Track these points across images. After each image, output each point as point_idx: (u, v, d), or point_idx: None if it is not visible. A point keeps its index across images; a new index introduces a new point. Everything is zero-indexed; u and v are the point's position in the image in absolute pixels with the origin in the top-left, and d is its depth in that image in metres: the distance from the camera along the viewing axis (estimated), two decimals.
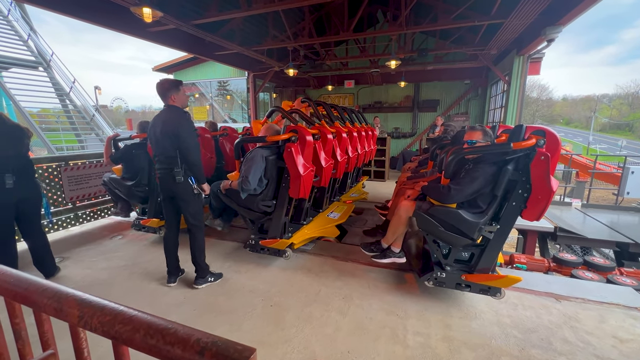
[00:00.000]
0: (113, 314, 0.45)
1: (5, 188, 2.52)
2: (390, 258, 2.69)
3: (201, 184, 2.60)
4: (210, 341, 0.39)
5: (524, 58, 6.61)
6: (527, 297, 2.60)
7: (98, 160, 4.50)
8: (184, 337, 0.40)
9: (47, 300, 0.50)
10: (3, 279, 0.55)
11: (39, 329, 0.57)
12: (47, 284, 0.52)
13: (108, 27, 5.30)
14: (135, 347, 0.41)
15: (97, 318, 0.45)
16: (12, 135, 2.60)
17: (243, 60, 9.07)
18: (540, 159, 1.97)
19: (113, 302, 0.49)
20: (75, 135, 11.74)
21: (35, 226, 2.84)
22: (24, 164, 2.68)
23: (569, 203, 6.06)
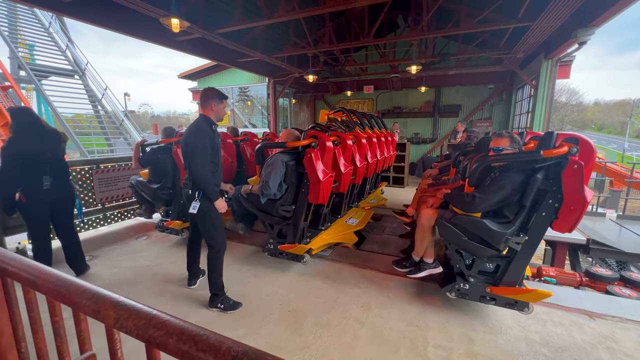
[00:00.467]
0: (147, 317, 0.46)
1: (43, 189, 2.68)
2: (425, 271, 2.61)
3: (212, 201, 2.39)
4: (241, 350, 0.40)
5: (553, 61, 6.35)
6: (558, 313, 2.46)
7: (126, 164, 4.71)
8: (216, 344, 0.41)
9: (86, 301, 0.52)
10: (46, 278, 0.58)
11: (77, 327, 0.60)
12: (86, 285, 0.55)
13: (139, 37, 5.58)
14: (169, 352, 0.42)
15: (132, 321, 0.47)
16: (50, 140, 2.77)
17: (264, 67, 9.26)
18: (573, 167, 1.88)
19: (146, 306, 0.50)
20: (105, 139, 12.38)
21: (68, 225, 3.00)
22: (60, 166, 2.85)
23: (602, 214, 5.71)
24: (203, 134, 2.30)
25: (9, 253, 0.69)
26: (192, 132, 2.30)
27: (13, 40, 10.64)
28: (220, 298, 2.48)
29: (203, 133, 2.30)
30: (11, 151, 2.57)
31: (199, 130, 2.30)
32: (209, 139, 2.33)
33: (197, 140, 2.27)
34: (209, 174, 2.35)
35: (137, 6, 4.38)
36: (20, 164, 2.59)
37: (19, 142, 2.60)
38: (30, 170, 2.63)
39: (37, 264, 0.64)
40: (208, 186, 2.34)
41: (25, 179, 2.63)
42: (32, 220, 2.74)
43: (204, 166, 2.32)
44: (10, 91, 10.21)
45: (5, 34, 10.43)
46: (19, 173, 2.60)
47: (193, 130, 2.31)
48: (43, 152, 2.69)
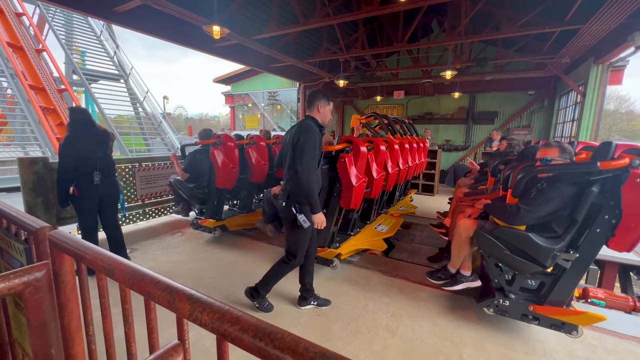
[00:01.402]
0: (222, 312, 0.48)
1: (93, 184, 2.89)
2: (462, 284, 2.49)
3: (313, 214, 2.17)
4: (318, 351, 0.40)
5: (604, 67, 5.90)
6: (610, 340, 2.25)
7: (164, 163, 4.97)
8: (292, 343, 0.42)
9: (160, 292, 0.55)
10: (123, 268, 0.62)
11: (147, 316, 0.64)
12: (159, 278, 0.58)
13: (181, 43, 5.91)
14: (244, 347, 0.43)
15: (207, 314, 0.48)
16: (101, 139, 2.99)
17: (295, 72, 9.44)
18: (635, 181, 1.72)
19: (218, 301, 0.52)
20: (143, 139, 13.16)
21: (113, 219, 3.20)
22: (108, 164, 3.06)
23: None
24: (315, 134, 2.13)
25: (85, 243, 0.74)
26: (304, 130, 2.12)
27: (69, 47, 11.66)
28: (256, 300, 2.49)
29: (315, 133, 2.14)
30: (68, 148, 2.79)
31: (311, 130, 2.12)
32: (319, 142, 2.17)
33: (309, 139, 2.08)
34: (314, 180, 2.13)
35: (182, 14, 4.64)
36: (75, 161, 2.80)
37: (75, 141, 2.81)
38: (83, 166, 2.84)
39: (112, 255, 0.69)
40: (311, 193, 2.13)
41: (78, 175, 2.83)
42: (82, 212, 2.96)
43: (312, 170, 2.11)
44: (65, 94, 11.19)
45: (63, 41, 11.46)
46: (74, 169, 2.81)
47: (305, 129, 2.13)
48: (94, 150, 2.89)
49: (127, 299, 0.68)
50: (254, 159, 4.13)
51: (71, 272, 0.81)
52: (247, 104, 14.58)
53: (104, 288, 0.74)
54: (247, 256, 3.61)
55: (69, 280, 0.80)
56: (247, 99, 14.39)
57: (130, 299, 0.70)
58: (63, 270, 0.80)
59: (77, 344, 0.83)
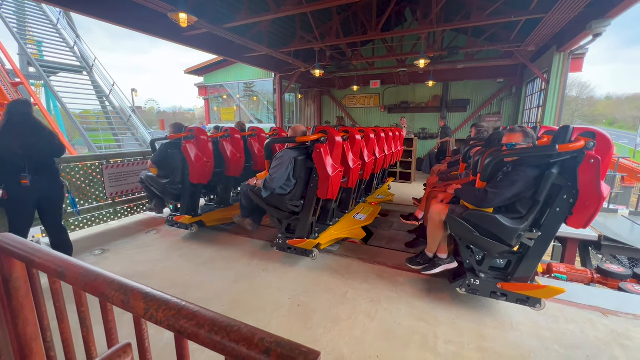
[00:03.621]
0: (177, 308, 0.47)
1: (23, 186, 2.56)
2: (440, 267, 2.57)
3: None
4: (274, 341, 0.40)
5: (565, 54, 6.20)
6: (570, 310, 2.43)
7: (135, 159, 4.76)
8: (248, 335, 0.41)
9: (114, 292, 0.53)
10: (74, 270, 0.59)
11: (104, 318, 0.61)
12: (113, 277, 0.55)
13: (146, 32, 5.60)
14: (200, 342, 0.42)
15: (162, 312, 0.47)
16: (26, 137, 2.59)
17: (270, 62, 9.23)
18: (589, 162, 1.84)
19: (175, 297, 0.50)
20: (112, 134, 12.51)
21: (56, 223, 2.92)
22: (41, 163, 2.71)
23: (614, 210, 5.62)
24: None
25: (35, 245, 0.70)
26: None
27: (22, 37, 10.75)
28: None
29: None
30: None
31: None
32: None
33: None
34: None
35: (146, 1, 4.38)
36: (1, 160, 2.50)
37: (2, 138, 2.50)
38: (7, 166, 2.54)
39: (63, 256, 0.65)
40: None
41: (5, 176, 2.54)
42: (11, 216, 2.67)
43: None
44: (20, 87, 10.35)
45: (15, 31, 10.54)
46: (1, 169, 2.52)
47: None
48: (13, 148, 2.53)
49: (82, 302, 0.65)
50: (230, 152, 4.03)
51: (23, 277, 0.76)
52: (222, 95, 14.16)
53: (57, 291, 0.70)
54: (226, 251, 3.56)
55: (20, 285, 0.75)
56: (221, 91, 13.96)
57: (86, 301, 0.67)
58: (13, 275, 0.74)
59: (35, 352, 0.78)
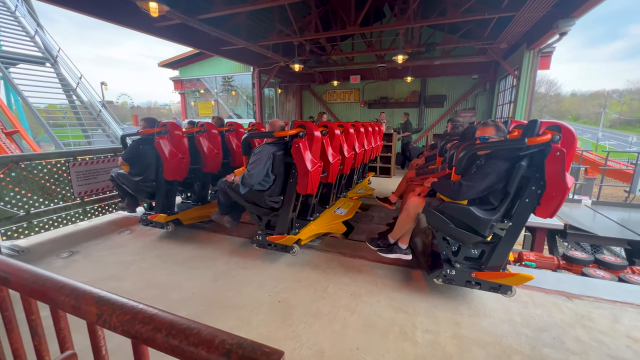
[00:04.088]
0: (133, 312, 0.43)
1: None
2: (396, 253, 2.66)
3: None
4: (235, 342, 0.38)
5: (535, 52, 6.47)
6: (538, 295, 2.56)
7: (105, 156, 4.52)
8: (208, 337, 0.39)
9: (64, 297, 0.48)
10: (20, 275, 0.53)
11: (56, 326, 0.56)
12: (64, 281, 0.51)
13: (114, 22, 5.29)
14: (157, 347, 0.40)
15: (116, 317, 0.44)
16: None
17: (248, 56, 9.02)
18: (555, 154, 1.93)
19: (132, 300, 0.47)
20: (82, 131, 11.85)
21: None
22: None
23: (578, 200, 5.97)
24: None
25: None
26: None
27: None
28: None
29: None
30: None
31: None
32: None
33: None
34: None
35: None
36: None
37: None
38: None
39: (7, 259, 0.59)
40: None
41: None
42: None
43: None
44: None
45: None
46: None
47: None
48: None
49: (32, 309, 0.59)
50: (206, 148, 3.91)
51: None
52: (199, 90, 13.72)
53: (4, 300, 0.64)
54: (205, 249, 3.47)
55: None
56: (198, 85, 13.51)
57: (37, 308, 0.61)
58: None
59: None
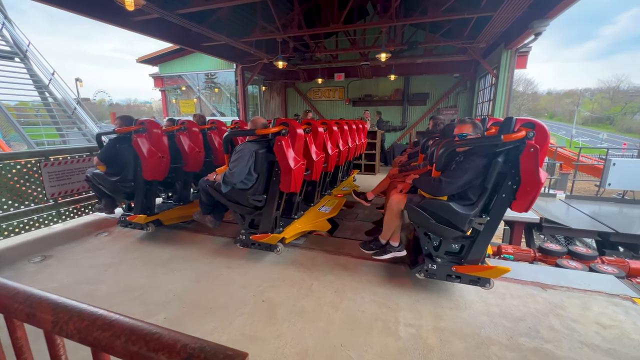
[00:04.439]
0: (91, 318, 0.41)
1: None
2: (390, 253, 2.69)
3: None
4: (198, 346, 0.37)
5: (512, 52, 6.67)
6: (515, 287, 2.65)
7: (80, 155, 4.34)
8: (170, 342, 0.37)
9: (18, 305, 0.46)
10: None
11: (12, 335, 0.53)
12: (18, 287, 0.48)
13: (88, 15, 5.06)
14: (116, 354, 0.38)
15: (73, 324, 0.41)
16: None
17: (231, 52, 8.86)
18: (529, 151, 1.99)
19: (92, 306, 0.45)
20: (56, 129, 11.32)
21: None
22: None
23: (553, 195, 6.22)
24: None
25: None
26: None
27: None
28: None
29: None
30: None
31: None
32: None
33: None
34: None
35: None
36: None
37: None
38: None
39: None
40: None
41: None
42: None
43: None
44: None
45: None
46: None
47: None
48: None
49: None
50: (187, 146, 3.82)
51: None
52: (181, 87, 13.37)
53: None
54: (187, 250, 3.39)
55: None
56: (180, 82, 13.16)
57: None
58: None
59: None
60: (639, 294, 2.58)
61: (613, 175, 5.96)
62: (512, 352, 1.92)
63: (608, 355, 1.91)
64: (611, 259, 3.81)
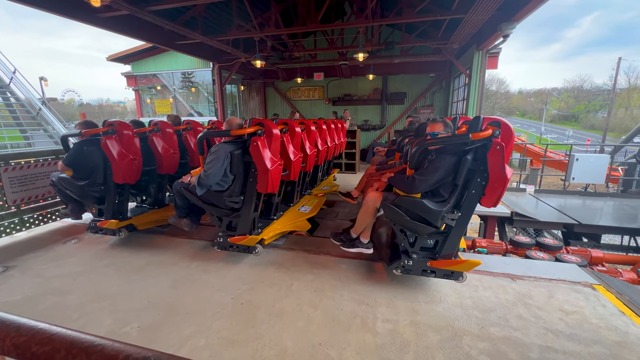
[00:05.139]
0: (30, 333, 0.40)
1: None
2: (357, 248, 2.73)
3: None
4: (142, 357, 0.36)
5: (483, 52, 6.93)
6: (487, 279, 2.77)
7: (45, 159, 4.11)
8: (112, 354, 0.36)
9: None
10: None
11: None
12: None
13: (53, 12, 4.79)
14: None
15: (10, 340, 0.39)
16: None
17: (207, 51, 8.67)
18: (496, 148, 2.08)
19: (33, 320, 0.43)
20: (20, 131, 10.66)
21: None
22: None
23: (523, 189, 6.53)
24: None
25: None
26: None
27: None
28: None
29: None
30: None
31: None
32: None
33: None
34: None
35: None
36: None
37: None
38: None
39: None
40: None
41: None
42: None
43: None
44: None
45: None
46: None
47: None
48: None
49: None
50: (161, 148, 3.71)
51: None
52: (156, 86, 12.93)
53: None
54: (163, 255, 3.29)
55: None
56: (154, 81, 12.72)
57: None
58: None
59: None
60: (598, 280, 2.76)
61: (576, 170, 6.34)
62: (484, 342, 2.00)
63: (570, 340, 2.03)
64: (575, 249, 4.06)
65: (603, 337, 2.05)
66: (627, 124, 32.61)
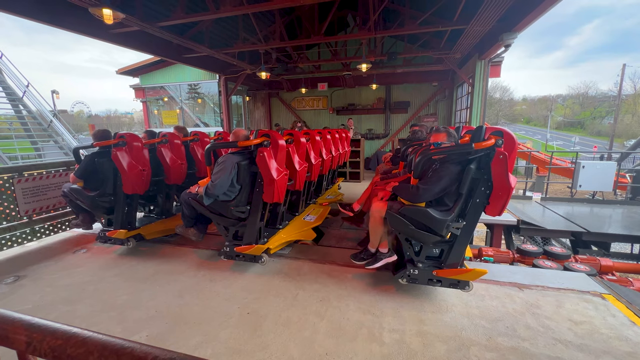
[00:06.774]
0: (65, 337, 0.43)
1: None
2: (382, 260, 2.71)
3: None
4: (168, 358, 0.39)
5: (485, 62, 7.00)
6: (493, 288, 2.75)
7: (57, 170, 4.22)
8: (141, 355, 0.40)
9: None
10: None
11: None
12: None
13: (66, 28, 4.99)
14: None
15: (47, 343, 0.43)
16: None
17: (213, 63, 8.88)
18: (499, 157, 2.10)
19: (66, 325, 0.47)
20: (31, 143, 10.94)
21: None
22: None
23: (529, 197, 6.48)
24: None
25: None
26: None
27: None
28: None
29: None
30: None
31: None
32: None
33: None
34: None
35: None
36: None
37: None
38: None
39: None
40: None
41: None
42: None
43: None
44: None
45: None
46: None
47: None
48: None
49: None
50: (169, 158, 3.79)
51: None
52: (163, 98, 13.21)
53: None
54: (170, 264, 3.33)
55: None
56: (161, 93, 13.01)
57: None
58: None
59: None
60: (608, 290, 2.73)
61: (583, 178, 6.29)
62: (491, 352, 1.99)
63: (580, 350, 2.00)
64: (584, 258, 4.00)
65: (613, 348, 2.02)
66: (634, 130, 32.33)
